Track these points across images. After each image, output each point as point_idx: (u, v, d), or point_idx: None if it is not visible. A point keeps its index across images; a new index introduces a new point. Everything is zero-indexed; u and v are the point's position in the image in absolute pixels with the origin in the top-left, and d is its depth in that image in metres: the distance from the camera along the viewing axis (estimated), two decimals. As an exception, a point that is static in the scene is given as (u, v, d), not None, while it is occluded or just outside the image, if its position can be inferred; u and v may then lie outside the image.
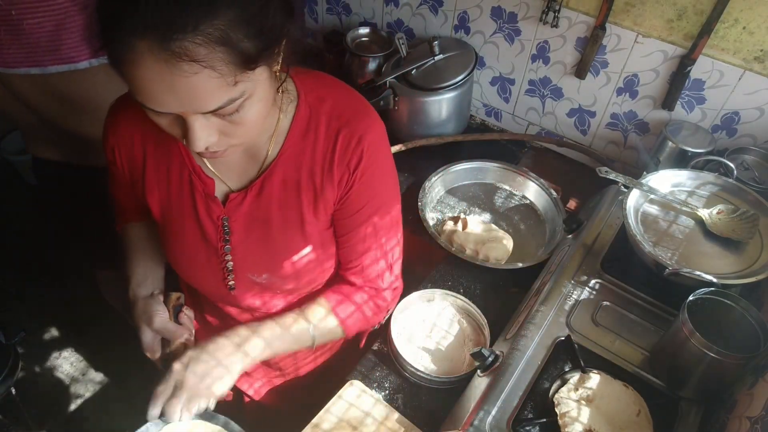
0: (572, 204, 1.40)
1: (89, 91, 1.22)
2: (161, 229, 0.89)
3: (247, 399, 1.14)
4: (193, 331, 0.91)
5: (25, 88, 1.19)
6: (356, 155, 0.78)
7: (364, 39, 1.67)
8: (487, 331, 1.04)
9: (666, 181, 1.14)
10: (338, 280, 0.93)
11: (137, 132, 0.81)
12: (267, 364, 1.06)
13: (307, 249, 0.86)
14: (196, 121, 0.61)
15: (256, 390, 1.12)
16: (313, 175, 0.79)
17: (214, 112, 0.60)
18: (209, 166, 0.80)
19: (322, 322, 0.89)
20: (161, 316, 0.87)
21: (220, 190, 0.82)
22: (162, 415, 0.76)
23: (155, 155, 0.82)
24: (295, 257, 0.86)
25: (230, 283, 0.88)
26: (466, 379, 0.97)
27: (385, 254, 0.89)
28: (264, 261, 0.86)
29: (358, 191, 0.81)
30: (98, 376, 2.01)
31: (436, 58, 1.46)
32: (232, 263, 0.86)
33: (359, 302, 0.91)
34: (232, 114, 0.62)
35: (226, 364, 0.79)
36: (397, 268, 0.94)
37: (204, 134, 0.62)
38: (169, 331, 0.87)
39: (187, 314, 0.90)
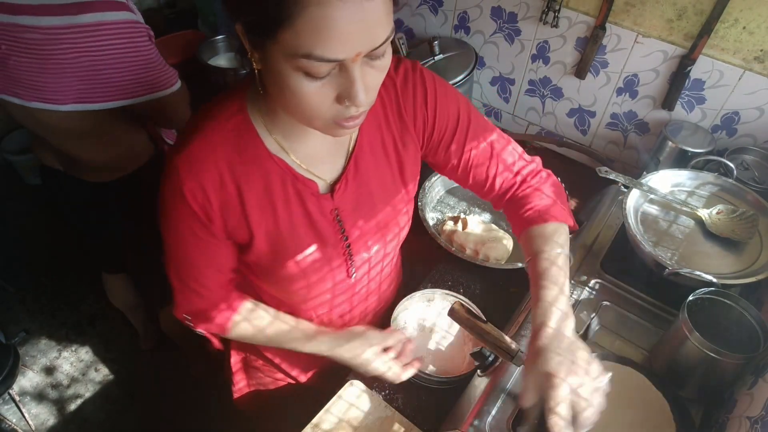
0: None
1: (72, 123, 1.22)
2: (265, 264, 0.82)
3: (246, 399, 1.15)
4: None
5: (16, 110, 1.19)
6: (419, 89, 0.81)
7: (364, 39, 1.67)
8: (487, 331, 1.04)
9: (666, 181, 1.14)
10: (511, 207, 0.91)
11: (225, 173, 0.73)
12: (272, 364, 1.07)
13: (402, 205, 0.89)
14: (357, 68, 0.59)
15: (254, 388, 1.12)
16: (391, 131, 0.82)
17: (377, 49, 0.59)
18: (307, 168, 0.78)
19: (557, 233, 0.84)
20: (369, 330, 0.93)
21: (323, 187, 0.81)
22: None
23: (250, 186, 0.75)
24: (392, 218, 0.88)
25: (352, 271, 0.89)
26: (466, 379, 0.97)
27: (509, 140, 0.90)
28: (374, 233, 0.87)
29: (443, 113, 0.83)
30: (98, 376, 2.01)
31: (436, 58, 1.46)
32: (351, 251, 0.86)
33: (551, 197, 0.88)
34: (381, 57, 0.61)
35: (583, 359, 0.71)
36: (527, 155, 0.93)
37: (364, 83, 0.61)
38: (387, 338, 0.93)
39: None
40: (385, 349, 0.94)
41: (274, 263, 0.82)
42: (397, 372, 0.92)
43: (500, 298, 1.16)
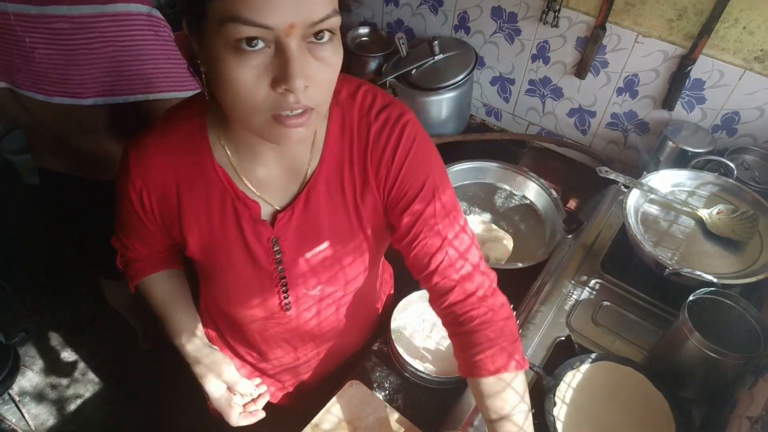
0: (572, 204, 1.40)
1: (93, 118, 1.23)
2: (203, 267, 0.84)
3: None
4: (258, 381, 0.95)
5: (33, 105, 1.20)
6: (392, 142, 0.74)
7: (364, 39, 1.67)
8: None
9: (666, 181, 1.14)
10: (439, 304, 0.79)
11: (169, 171, 0.75)
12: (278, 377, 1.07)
13: (360, 251, 0.82)
14: (293, 46, 0.55)
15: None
16: (353, 175, 0.76)
17: (318, 24, 0.56)
18: (252, 189, 0.75)
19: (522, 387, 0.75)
20: (231, 365, 0.90)
21: (266, 212, 0.77)
22: None
23: (191, 193, 0.76)
24: (348, 262, 0.83)
25: (286, 302, 0.85)
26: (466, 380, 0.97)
27: (472, 239, 0.79)
28: (316, 273, 0.83)
29: (407, 177, 0.75)
30: (98, 376, 2.01)
31: (436, 57, 1.46)
32: (286, 283, 0.83)
33: (498, 317, 0.76)
34: (324, 44, 0.58)
35: None
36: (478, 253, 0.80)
37: (302, 64, 0.56)
38: (240, 383, 0.90)
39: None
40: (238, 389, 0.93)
41: (209, 271, 0.83)
42: (233, 418, 0.90)
43: (500, 298, 1.16)
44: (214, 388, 0.90)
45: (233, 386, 0.92)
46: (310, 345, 0.98)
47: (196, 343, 0.93)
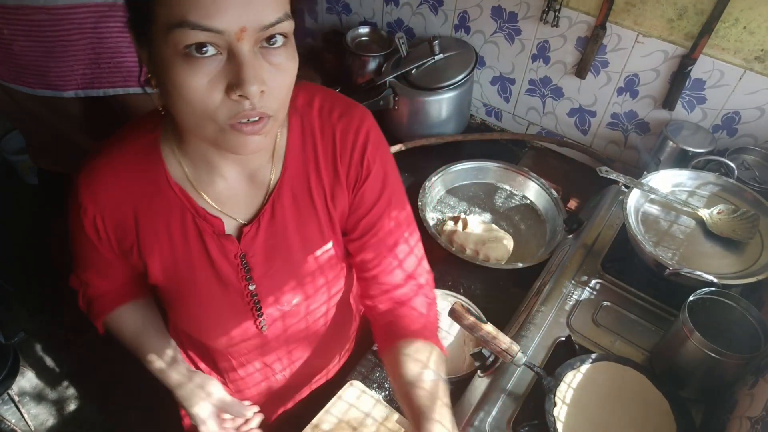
0: (573, 204, 1.40)
1: (78, 109, 1.22)
2: (167, 293, 0.79)
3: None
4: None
5: (21, 98, 1.20)
6: (359, 145, 0.74)
7: (364, 38, 1.66)
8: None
9: (666, 181, 1.14)
10: (380, 298, 0.82)
11: (122, 192, 0.71)
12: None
13: (336, 258, 0.81)
14: (245, 50, 0.54)
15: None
16: (321, 181, 0.75)
17: (270, 28, 0.55)
18: (212, 204, 0.73)
19: (432, 358, 0.77)
20: (218, 385, 0.84)
21: (231, 227, 0.74)
22: None
23: (149, 214, 0.72)
24: (322, 271, 0.81)
25: (260, 322, 0.81)
26: (466, 380, 0.97)
27: (412, 249, 0.82)
28: (290, 287, 0.80)
29: (372, 182, 0.76)
30: (98, 377, 2.01)
31: (436, 57, 1.46)
32: (259, 300, 0.79)
33: (425, 312, 0.81)
34: (278, 49, 0.57)
35: None
36: (426, 264, 0.85)
37: (255, 69, 0.55)
38: (230, 404, 0.84)
39: None
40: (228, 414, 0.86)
41: (174, 298, 0.78)
42: None
43: (500, 298, 1.16)
44: (201, 410, 0.83)
45: (224, 408, 0.84)
46: (288, 365, 0.95)
47: (177, 367, 0.85)
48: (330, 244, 0.79)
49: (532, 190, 1.41)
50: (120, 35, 1.14)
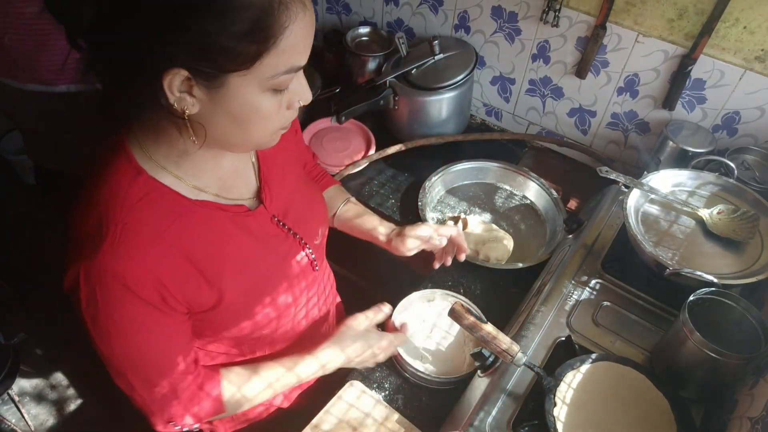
0: (573, 204, 1.40)
1: (72, 108, 1.21)
2: (241, 298, 0.78)
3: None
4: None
5: (13, 94, 1.19)
6: None
7: (364, 38, 1.66)
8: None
9: (666, 181, 1.14)
10: None
11: (158, 243, 0.66)
12: None
13: (317, 187, 1.05)
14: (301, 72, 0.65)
15: None
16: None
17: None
18: (229, 197, 0.77)
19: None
20: (349, 321, 0.94)
21: (251, 205, 0.80)
22: None
23: (189, 242, 0.70)
24: (317, 198, 0.96)
25: (313, 258, 0.90)
26: (466, 380, 0.97)
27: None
28: (315, 217, 0.92)
29: None
30: (98, 377, 2.01)
31: (436, 57, 1.46)
32: (306, 242, 0.88)
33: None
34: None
35: None
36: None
37: None
38: (372, 320, 0.96)
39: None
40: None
41: (246, 300, 0.79)
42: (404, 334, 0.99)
43: (500, 298, 1.16)
44: (381, 342, 0.93)
45: (370, 327, 0.95)
46: (326, 298, 1.03)
47: (309, 359, 0.87)
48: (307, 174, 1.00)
49: (532, 190, 1.41)
50: None
